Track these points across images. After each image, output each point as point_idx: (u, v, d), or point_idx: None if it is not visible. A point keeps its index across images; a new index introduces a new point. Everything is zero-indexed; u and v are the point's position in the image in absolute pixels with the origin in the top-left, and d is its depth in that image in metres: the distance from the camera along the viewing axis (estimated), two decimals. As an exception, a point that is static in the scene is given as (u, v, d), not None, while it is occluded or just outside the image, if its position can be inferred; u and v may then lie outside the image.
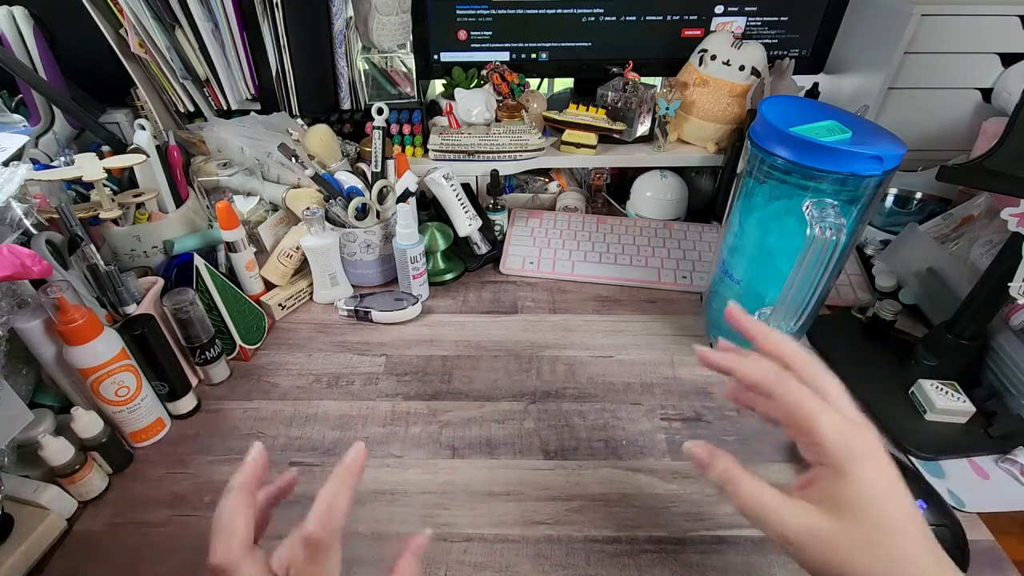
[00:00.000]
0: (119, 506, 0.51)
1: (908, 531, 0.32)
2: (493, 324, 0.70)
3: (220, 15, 0.72)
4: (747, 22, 0.82)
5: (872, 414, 0.58)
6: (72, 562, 0.47)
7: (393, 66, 0.81)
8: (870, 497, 0.32)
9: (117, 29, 0.73)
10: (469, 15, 0.82)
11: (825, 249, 0.48)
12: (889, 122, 0.56)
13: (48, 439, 0.47)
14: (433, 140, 0.80)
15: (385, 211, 0.72)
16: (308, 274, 0.73)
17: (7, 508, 0.47)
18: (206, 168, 0.76)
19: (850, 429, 0.33)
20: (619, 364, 0.64)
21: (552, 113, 0.82)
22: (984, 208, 0.69)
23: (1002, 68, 0.74)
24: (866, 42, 0.79)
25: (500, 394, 0.61)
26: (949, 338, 0.57)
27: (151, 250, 0.65)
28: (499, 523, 0.49)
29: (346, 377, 0.63)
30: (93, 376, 0.49)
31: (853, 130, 0.50)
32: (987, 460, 0.54)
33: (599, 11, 0.81)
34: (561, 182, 0.91)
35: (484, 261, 0.79)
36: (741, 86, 0.77)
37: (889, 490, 0.32)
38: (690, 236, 0.82)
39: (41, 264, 0.45)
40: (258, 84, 0.79)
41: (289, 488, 0.36)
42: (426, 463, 0.54)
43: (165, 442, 0.56)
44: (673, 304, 0.73)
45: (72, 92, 0.75)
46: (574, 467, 0.54)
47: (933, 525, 0.44)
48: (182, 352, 0.59)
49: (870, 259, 0.76)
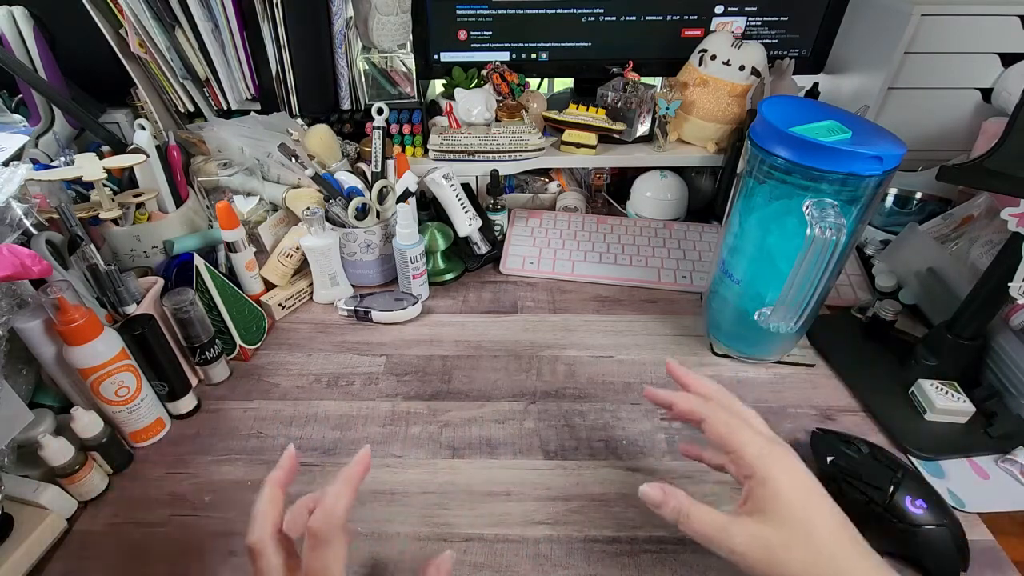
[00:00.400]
0: (119, 506, 0.51)
1: (829, 526, 0.36)
2: (493, 324, 0.70)
3: (220, 15, 0.72)
4: (747, 22, 0.82)
5: (872, 414, 0.58)
6: (72, 562, 0.47)
7: (393, 66, 0.81)
8: (790, 501, 0.37)
9: (117, 29, 0.73)
10: (469, 15, 0.82)
11: (825, 249, 0.48)
12: (889, 122, 0.56)
13: (48, 439, 0.47)
14: (433, 140, 0.80)
15: (385, 211, 0.72)
16: (308, 274, 0.73)
17: (7, 508, 0.47)
18: (206, 168, 0.76)
19: (766, 443, 0.39)
20: (619, 364, 0.64)
21: (552, 113, 0.82)
22: (984, 208, 0.69)
23: (1002, 68, 0.74)
24: (866, 42, 0.79)
25: (500, 394, 0.61)
26: (949, 338, 0.57)
27: (151, 250, 0.65)
28: (499, 523, 0.49)
29: (346, 377, 0.63)
30: (93, 376, 0.49)
31: (853, 130, 0.50)
32: (987, 460, 0.54)
33: (599, 11, 0.81)
34: (561, 182, 0.91)
35: (484, 261, 0.79)
36: (741, 86, 0.77)
37: (807, 493, 0.37)
38: (690, 236, 0.82)
39: (41, 264, 0.45)
40: (258, 84, 0.79)
41: (294, 467, 0.41)
42: (426, 463, 0.54)
43: (165, 442, 0.56)
44: (673, 304, 0.73)
45: (72, 92, 0.75)
46: (574, 467, 0.54)
47: (933, 525, 0.44)
48: (182, 352, 0.59)
49: (870, 259, 0.76)
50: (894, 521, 0.45)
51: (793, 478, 0.38)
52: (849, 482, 0.48)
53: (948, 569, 0.44)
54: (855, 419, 0.58)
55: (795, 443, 0.55)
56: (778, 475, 0.38)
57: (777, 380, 0.63)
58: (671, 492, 0.41)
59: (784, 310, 0.54)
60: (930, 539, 0.44)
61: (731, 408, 0.43)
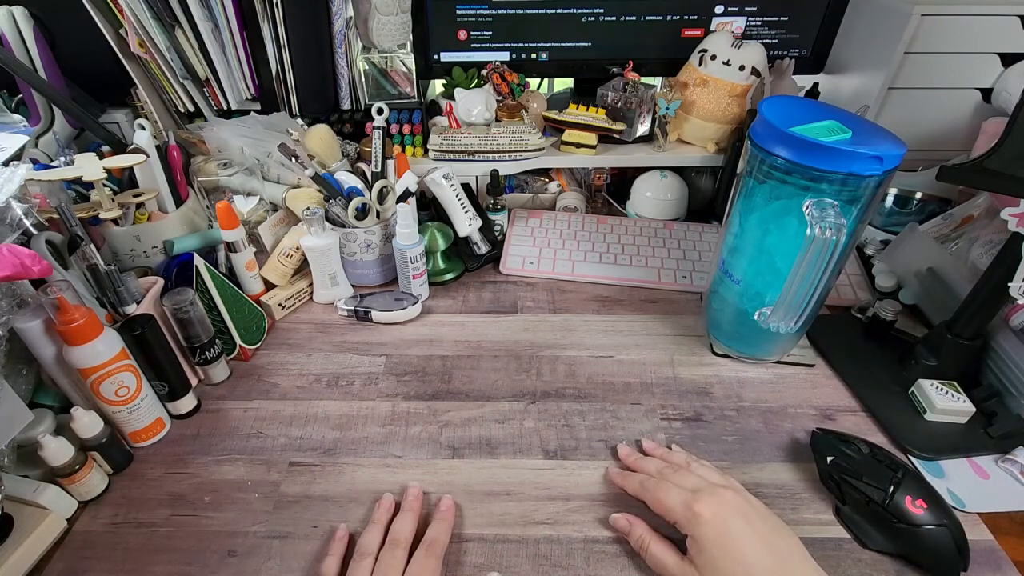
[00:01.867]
0: (119, 506, 0.51)
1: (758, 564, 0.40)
2: (493, 324, 0.70)
3: (220, 15, 0.73)
4: (747, 22, 0.82)
5: (872, 414, 0.58)
6: (72, 562, 0.47)
7: (393, 66, 0.81)
8: (711, 556, 0.41)
9: (117, 29, 0.73)
10: (469, 15, 0.82)
11: (825, 249, 0.48)
12: (889, 122, 0.56)
13: (48, 439, 0.47)
14: (433, 140, 0.80)
15: (385, 211, 0.72)
16: (308, 274, 0.73)
17: (7, 508, 0.47)
18: (206, 168, 0.76)
19: (693, 501, 0.43)
20: (619, 364, 0.64)
21: (552, 113, 0.82)
22: (984, 208, 0.69)
23: (1002, 68, 0.74)
24: (866, 42, 0.79)
25: (500, 394, 0.61)
26: (949, 338, 0.57)
27: (151, 250, 0.65)
28: (499, 523, 0.49)
29: (346, 377, 0.63)
30: (93, 376, 0.49)
31: (853, 130, 0.50)
32: (987, 460, 0.54)
33: (599, 11, 0.81)
34: (561, 182, 0.91)
35: (484, 261, 0.79)
36: (741, 86, 0.77)
37: (725, 549, 0.41)
38: (690, 236, 0.82)
39: (41, 264, 0.45)
40: (258, 84, 0.79)
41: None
42: (426, 463, 0.54)
43: (165, 442, 0.56)
44: (673, 304, 0.73)
45: (72, 92, 0.75)
46: (574, 467, 0.54)
47: (933, 525, 0.44)
48: (182, 352, 0.59)
49: (870, 259, 0.76)
50: (894, 521, 0.45)
51: (716, 534, 0.41)
52: (849, 482, 0.48)
53: (948, 569, 0.44)
54: (855, 419, 0.58)
55: (795, 443, 0.55)
56: (704, 533, 0.42)
57: (777, 380, 0.63)
58: (636, 523, 0.47)
59: (784, 310, 0.54)
60: (930, 539, 0.44)
61: (676, 461, 0.50)
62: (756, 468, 0.53)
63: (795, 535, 0.43)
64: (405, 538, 0.45)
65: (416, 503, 0.49)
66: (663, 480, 0.47)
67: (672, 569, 0.43)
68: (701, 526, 0.42)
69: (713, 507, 0.43)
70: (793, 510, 0.50)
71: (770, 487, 0.51)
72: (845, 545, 0.47)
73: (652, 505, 0.47)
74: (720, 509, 0.42)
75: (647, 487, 0.47)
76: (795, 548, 0.42)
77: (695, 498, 0.43)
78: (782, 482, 0.52)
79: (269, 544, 0.47)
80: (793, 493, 0.51)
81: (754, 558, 0.40)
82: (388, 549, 0.44)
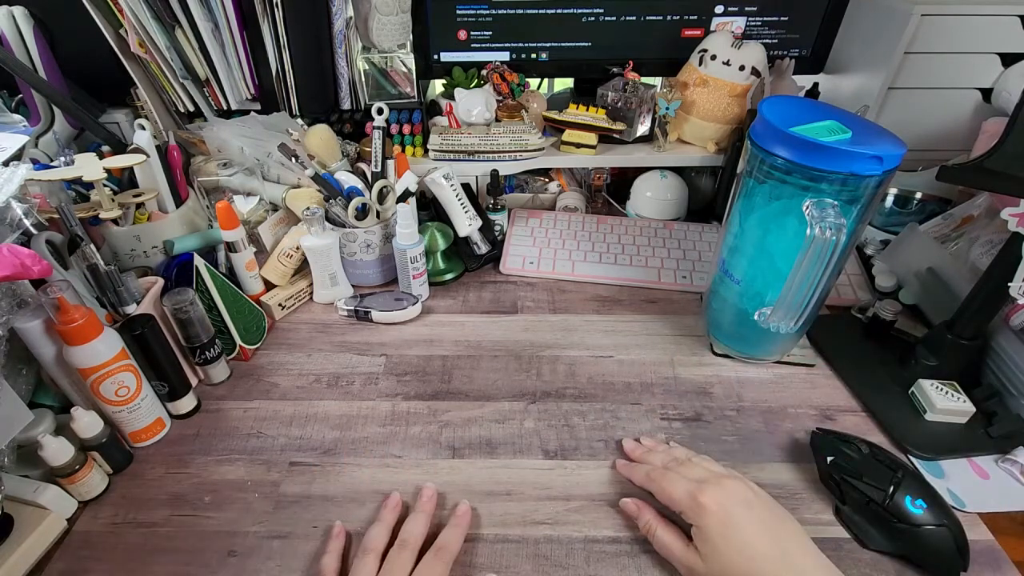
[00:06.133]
0: (119, 506, 0.51)
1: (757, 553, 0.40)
2: (493, 324, 0.70)
3: (220, 15, 0.73)
4: (747, 22, 0.82)
5: (872, 414, 0.58)
6: (72, 562, 0.47)
7: (393, 66, 0.81)
8: (715, 546, 0.41)
9: (117, 29, 0.73)
10: (469, 15, 0.82)
11: (825, 249, 0.48)
12: (889, 122, 0.56)
13: (48, 439, 0.47)
14: (433, 140, 0.80)
15: (385, 211, 0.72)
16: (308, 274, 0.73)
17: (7, 508, 0.47)
18: (206, 168, 0.76)
19: (697, 491, 0.44)
20: (619, 364, 0.64)
21: (552, 113, 0.82)
22: (984, 208, 0.69)
23: (1002, 68, 0.74)
24: (866, 42, 0.79)
25: (500, 394, 0.61)
26: (949, 338, 0.57)
27: (151, 250, 0.65)
28: (499, 523, 0.49)
29: (346, 377, 0.63)
30: (93, 376, 0.49)
31: (853, 130, 0.50)
32: (987, 460, 0.54)
33: (599, 11, 0.81)
34: (561, 182, 0.91)
35: (484, 261, 0.79)
36: (741, 86, 0.77)
37: (728, 538, 0.41)
38: (690, 236, 0.82)
39: (41, 264, 0.45)
40: (258, 84, 0.79)
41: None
42: (426, 463, 0.54)
43: (165, 442, 0.56)
44: (673, 304, 0.73)
45: (72, 92, 0.75)
46: (574, 467, 0.54)
47: (933, 525, 0.44)
48: (182, 352, 0.59)
49: (870, 259, 0.76)
50: (894, 521, 0.45)
51: (719, 526, 0.42)
52: (849, 482, 0.48)
53: (948, 569, 0.44)
54: (855, 419, 0.58)
55: (795, 443, 0.55)
56: (708, 523, 0.42)
57: (777, 380, 0.63)
58: (644, 509, 0.48)
59: (784, 310, 0.54)
60: (930, 539, 0.44)
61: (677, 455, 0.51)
62: (756, 468, 0.53)
63: (798, 524, 0.43)
64: (415, 540, 0.45)
65: (430, 505, 0.49)
66: (669, 471, 0.48)
67: (677, 554, 0.44)
68: (705, 516, 0.43)
69: (717, 497, 0.43)
70: (793, 510, 0.49)
71: (770, 487, 0.51)
72: (845, 545, 0.47)
73: (658, 495, 0.47)
74: (724, 499, 0.43)
75: (653, 477, 0.48)
76: (798, 536, 0.42)
77: (700, 488, 0.44)
78: (782, 482, 0.52)
79: (269, 544, 0.47)
80: (793, 493, 0.51)
81: (757, 547, 0.41)
82: (397, 549, 0.44)
